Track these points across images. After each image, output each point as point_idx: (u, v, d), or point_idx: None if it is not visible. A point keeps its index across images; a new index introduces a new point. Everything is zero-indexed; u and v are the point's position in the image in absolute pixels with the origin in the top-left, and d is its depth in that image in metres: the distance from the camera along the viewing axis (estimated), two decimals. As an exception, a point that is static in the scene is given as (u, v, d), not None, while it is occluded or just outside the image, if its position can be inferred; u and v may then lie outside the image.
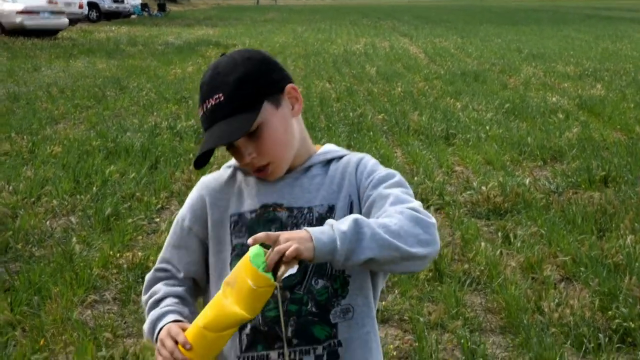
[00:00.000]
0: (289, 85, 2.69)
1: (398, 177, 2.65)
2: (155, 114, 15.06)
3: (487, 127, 13.53)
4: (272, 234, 2.32)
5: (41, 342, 5.73)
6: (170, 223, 8.16)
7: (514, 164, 11.26)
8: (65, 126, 13.84)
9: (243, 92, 2.59)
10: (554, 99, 16.98)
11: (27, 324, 6.00)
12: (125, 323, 6.16)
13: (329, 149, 2.78)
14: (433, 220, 2.46)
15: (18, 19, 33.94)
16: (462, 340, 5.76)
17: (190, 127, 13.30)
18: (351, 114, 14.94)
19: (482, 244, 7.62)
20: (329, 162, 2.72)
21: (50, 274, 6.88)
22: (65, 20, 36.41)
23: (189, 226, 2.76)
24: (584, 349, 5.72)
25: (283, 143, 2.64)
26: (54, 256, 7.33)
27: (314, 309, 2.58)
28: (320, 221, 2.56)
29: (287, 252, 2.26)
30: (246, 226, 2.66)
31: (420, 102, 16.54)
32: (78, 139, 12.35)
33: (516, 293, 6.47)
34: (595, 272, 6.90)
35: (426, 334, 5.90)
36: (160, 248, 7.47)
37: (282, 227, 2.60)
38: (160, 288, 2.79)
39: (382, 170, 2.67)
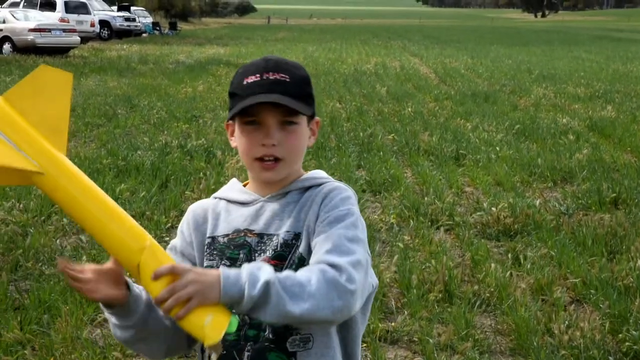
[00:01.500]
0: (318, 118, 2.77)
1: (354, 218, 2.59)
2: (165, 132, 15.09)
3: (498, 148, 13.53)
4: (179, 268, 2.33)
5: (50, 361, 5.74)
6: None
7: (524, 185, 11.25)
8: (76, 144, 13.87)
9: (306, 88, 2.66)
10: (564, 120, 16.99)
11: (37, 343, 6.00)
12: (134, 342, 6.14)
13: (312, 175, 2.74)
14: (353, 286, 2.43)
15: (30, 37, 34.11)
16: (472, 362, 5.75)
17: (200, 146, 13.32)
18: (361, 133, 14.95)
19: (492, 265, 7.60)
20: (307, 189, 2.70)
21: (60, 292, 6.88)
22: (77, 38, 36.60)
23: (181, 251, 2.76)
24: (594, 372, 5.71)
25: (299, 153, 2.68)
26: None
27: (270, 336, 2.56)
28: (284, 246, 2.58)
29: (187, 306, 2.29)
30: (217, 250, 2.67)
31: (431, 123, 16.55)
32: (89, 157, 12.37)
33: (526, 315, 6.46)
34: (606, 294, 6.88)
35: (436, 355, 5.89)
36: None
37: (251, 252, 2.61)
38: None
39: (344, 208, 2.60)
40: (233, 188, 2.81)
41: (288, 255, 2.58)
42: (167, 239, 8.64)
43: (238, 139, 2.69)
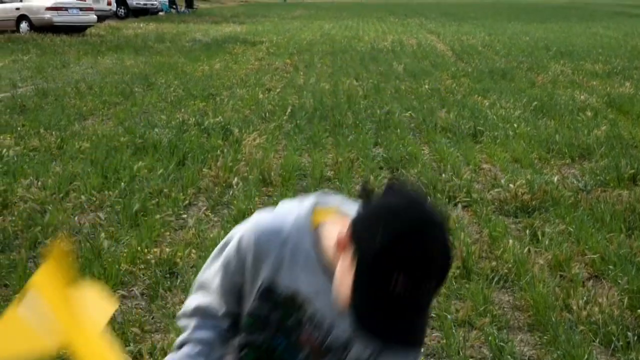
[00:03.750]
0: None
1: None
2: (182, 110, 15.08)
3: (515, 125, 13.48)
4: None
5: (70, 337, 5.75)
6: (198, 219, 8.21)
7: (542, 161, 11.21)
8: (94, 122, 13.89)
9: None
10: (582, 96, 16.91)
11: (56, 319, 6.01)
12: (152, 318, 6.17)
13: None
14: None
15: (47, 16, 34.11)
16: (490, 338, 5.75)
17: (217, 123, 13.31)
18: (378, 111, 14.92)
19: (510, 241, 7.59)
20: None
21: (78, 269, 6.91)
22: (94, 17, 36.59)
23: (236, 272, 2.55)
24: (612, 347, 5.70)
25: None
26: (82, 251, 7.35)
27: None
28: (339, 346, 2.46)
29: None
30: (269, 299, 2.48)
31: (448, 100, 16.49)
32: (106, 135, 12.39)
33: (544, 291, 6.45)
34: (624, 270, 6.87)
35: (454, 331, 5.89)
36: (187, 244, 7.51)
37: (300, 324, 2.46)
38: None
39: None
40: (301, 231, 2.45)
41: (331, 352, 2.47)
42: (185, 216, 8.67)
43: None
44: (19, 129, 12.89)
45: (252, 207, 8.71)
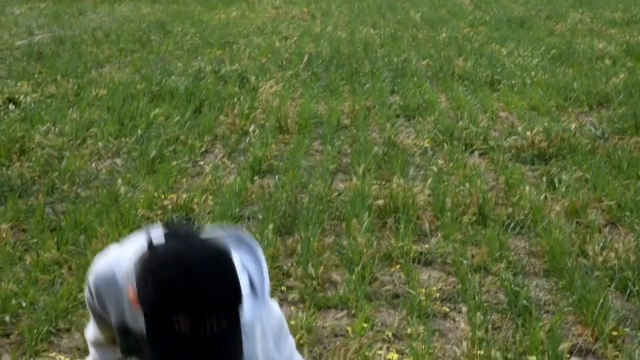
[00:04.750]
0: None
1: (281, 320, 2.69)
2: (199, 58, 15.06)
3: (533, 73, 13.41)
4: None
5: (87, 281, 5.80)
6: (215, 166, 8.23)
7: (559, 109, 11.16)
8: (110, 69, 13.89)
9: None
10: (600, 45, 16.76)
11: (74, 263, 6.07)
12: (169, 263, 6.19)
13: None
14: None
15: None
16: (506, 283, 5.76)
17: (234, 71, 13.28)
18: (395, 59, 14.85)
19: (527, 188, 7.58)
20: None
21: (95, 214, 6.95)
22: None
23: None
24: (628, 292, 5.71)
25: None
26: (100, 197, 7.39)
27: None
28: None
29: None
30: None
31: (465, 48, 16.39)
32: (123, 82, 12.39)
33: (560, 237, 6.45)
34: (641, 216, 6.86)
35: (469, 276, 5.90)
36: (204, 190, 7.53)
37: None
38: None
39: (276, 320, 2.68)
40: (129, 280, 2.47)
41: None
42: (202, 163, 8.69)
43: None
44: (36, 76, 12.90)
45: (268, 154, 8.73)
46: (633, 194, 7.45)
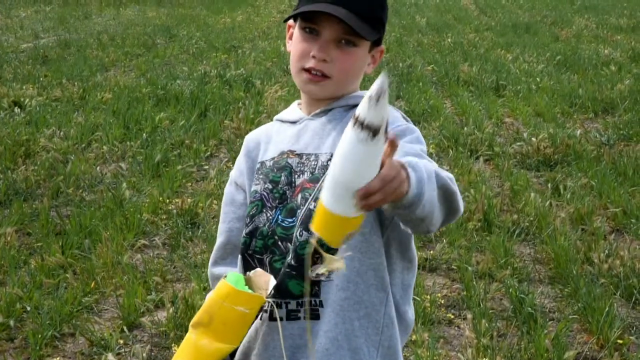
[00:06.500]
0: (383, 47, 2.61)
1: (417, 133, 2.46)
2: (204, 62, 15.07)
3: (538, 79, 13.41)
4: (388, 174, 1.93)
5: (92, 285, 5.80)
6: (219, 171, 8.23)
7: (564, 115, 11.16)
8: (116, 73, 13.90)
9: (378, 11, 2.50)
10: (606, 51, 16.76)
11: (78, 267, 6.07)
12: (174, 268, 6.21)
13: (361, 93, 2.50)
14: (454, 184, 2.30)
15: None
16: (511, 290, 5.75)
17: (239, 75, 13.29)
18: (400, 64, 14.85)
19: (532, 194, 7.57)
20: (352, 107, 2.48)
21: (100, 218, 6.95)
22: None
23: (235, 181, 2.67)
24: (633, 300, 5.70)
25: (351, 76, 2.52)
26: (105, 201, 7.38)
27: (293, 262, 2.43)
28: (323, 169, 2.44)
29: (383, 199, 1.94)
30: (263, 173, 2.56)
31: (471, 54, 16.40)
32: (128, 86, 12.40)
33: (565, 244, 6.44)
34: (646, 224, 6.86)
35: (474, 283, 5.90)
36: (209, 195, 7.53)
37: (291, 173, 2.50)
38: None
39: (402, 123, 2.48)
40: (289, 108, 2.68)
41: (322, 177, 2.43)
42: (207, 167, 8.70)
43: (293, 44, 2.52)
44: (41, 79, 12.91)
45: (273, 159, 8.72)
46: (639, 201, 7.45)
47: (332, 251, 2.06)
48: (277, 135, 2.62)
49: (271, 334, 2.46)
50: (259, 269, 2.46)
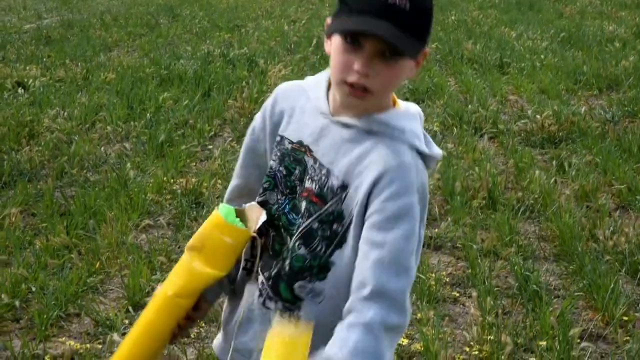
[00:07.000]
0: (428, 49, 2.47)
1: (413, 222, 2.34)
2: (208, 42, 15.03)
3: (542, 56, 13.37)
4: None
5: (97, 265, 5.81)
6: (224, 150, 8.22)
7: (569, 92, 11.13)
8: (119, 53, 13.87)
9: (425, 23, 2.36)
10: (610, 27, 16.70)
11: (83, 247, 6.07)
12: (179, 248, 6.20)
13: (387, 119, 2.45)
14: (403, 318, 2.28)
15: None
16: (515, 267, 5.75)
17: (242, 55, 13.27)
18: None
19: (536, 172, 7.56)
20: (373, 132, 2.43)
21: (105, 198, 6.95)
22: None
23: (257, 134, 2.65)
24: (638, 276, 5.70)
25: (393, 87, 2.45)
26: (109, 181, 7.38)
27: (287, 269, 2.48)
28: (329, 191, 2.42)
29: None
30: (281, 152, 2.54)
31: (475, 31, 16.35)
32: (132, 66, 12.38)
33: (570, 221, 6.43)
34: (651, 200, 6.85)
35: (479, 260, 5.90)
36: (213, 174, 7.52)
37: (305, 172, 2.49)
38: None
39: (406, 202, 2.34)
40: (319, 85, 2.55)
41: (329, 201, 2.42)
42: (211, 147, 8.69)
43: (334, 52, 2.39)
44: (44, 59, 12.89)
45: (277, 138, 8.71)
46: (643, 177, 7.44)
47: None
48: (300, 115, 2.55)
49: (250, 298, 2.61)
50: (254, 203, 2.58)
